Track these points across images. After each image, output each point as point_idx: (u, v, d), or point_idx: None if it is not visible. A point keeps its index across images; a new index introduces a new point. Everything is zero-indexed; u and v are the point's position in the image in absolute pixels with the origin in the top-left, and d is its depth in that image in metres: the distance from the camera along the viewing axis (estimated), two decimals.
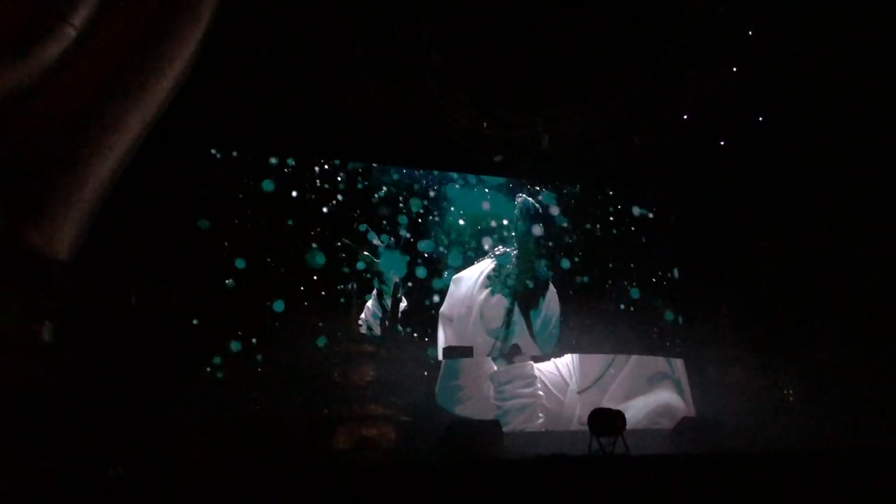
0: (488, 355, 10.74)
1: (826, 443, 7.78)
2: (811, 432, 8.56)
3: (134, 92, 5.93)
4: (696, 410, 10.28)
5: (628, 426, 6.76)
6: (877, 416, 8.33)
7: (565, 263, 11.75)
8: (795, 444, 8.07)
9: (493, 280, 11.38)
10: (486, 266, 11.48)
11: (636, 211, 12.55)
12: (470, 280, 11.32)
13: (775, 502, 5.71)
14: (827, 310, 9.71)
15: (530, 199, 11.97)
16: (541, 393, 9.84)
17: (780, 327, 10.02)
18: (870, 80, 9.21)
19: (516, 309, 11.30)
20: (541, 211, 11.94)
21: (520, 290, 11.42)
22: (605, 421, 6.66)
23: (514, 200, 11.88)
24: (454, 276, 11.21)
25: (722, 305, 10.46)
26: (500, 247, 11.62)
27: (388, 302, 10.37)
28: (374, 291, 10.29)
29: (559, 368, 10.20)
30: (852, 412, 8.67)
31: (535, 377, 9.95)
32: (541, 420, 9.56)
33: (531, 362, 10.16)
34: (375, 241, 10.59)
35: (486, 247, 11.39)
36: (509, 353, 10.30)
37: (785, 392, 9.93)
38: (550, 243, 11.84)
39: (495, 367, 10.02)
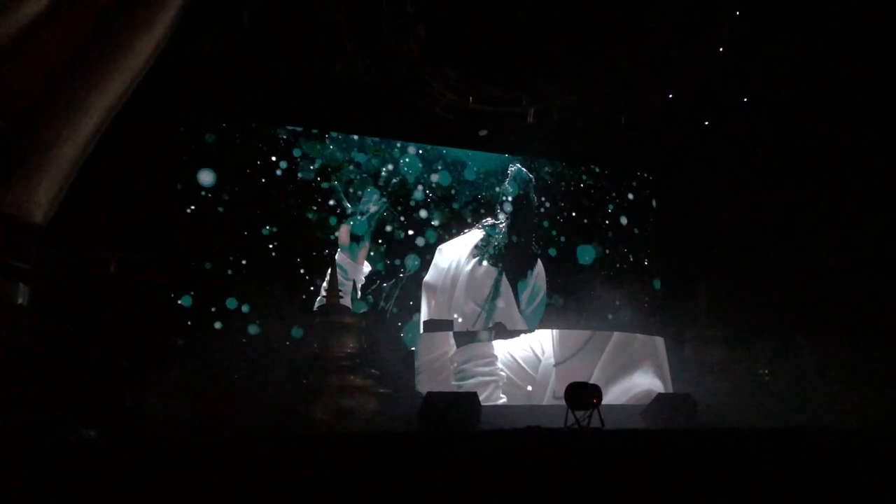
0: (473, 326, 10.79)
1: (799, 421, 7.91)
2: (785, 411, 8.68)
3: (113, 55, 5.84)
4: (673, 388, 10.39)
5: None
6: (852, 396, 8.46)
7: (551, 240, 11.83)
8: (768, 422, 8.20)
9: (481, 250, 11.40)
10: (473, 236, 11.50)
11: (618, 188, 12.60)
12: (456, 250, 11.34)
13: (746, 477, 5.80)
14: (804, 290, 9.82)
15: (524, 168, 11.99)
16: (502, 373, 9.77)
17: (757, 307, 10.12)
18: (856, 61, 9.23)
19: (504, 279, 11.35)
20: (533, 181, 11.99)
21: (509, 261, 11.48)
22: (581, 394, 6.73)
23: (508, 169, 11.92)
24: (439, 247, 11.23)
25: (701, 284, 10.53)
26: (489, 218, 11.65)
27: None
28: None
29: (531, 345, 10.22)
30: (827, 392, 8.80)
31: (494, 356, 9.84)
32: (503, 400, 9.54)
33: (492, 342, 10.12)
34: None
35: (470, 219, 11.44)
36: (494, 331, 10.33)
37: (761, 371, 10.04)
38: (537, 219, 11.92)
39: (455, 348, 9.93)
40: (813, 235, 9.85)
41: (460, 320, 10.78)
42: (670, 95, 10.41)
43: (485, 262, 11.32)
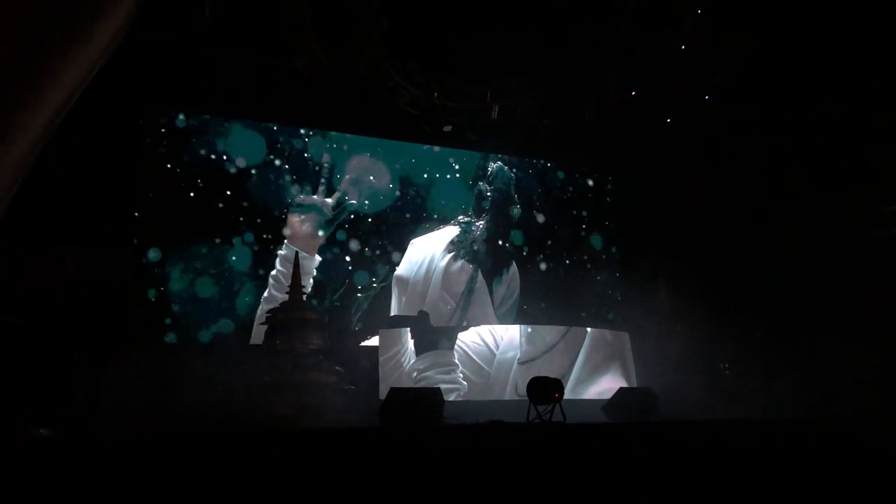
0: (448, 322, 10.76)
1: (759, 413, 8.03)
2: (745, 404, 8.82)
3: (70, 44, 5.69)
4: (636, 382, 10.52)
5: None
6: (813, 388, 8.61)
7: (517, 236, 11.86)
8: (729, 415, 8.32)
9: (456, 246, 11.39)
10: (448, 232, 11.47)
11: (581, 183, 12.70)
12: (430, 245, 11.29)
13: (708, 470, 5.89)
14: (765, 285, 9.98)
15: (505, 167, 12.01)
16: (463, 382, 9.82)
17: (718, 301, 10.26)
18: (821, 56, 9.37)
19: (479, 276, 11.35)
20: (514, 181, 12.03)
21: (485, 259, 11.50)
22: (543, 389, 6.77)
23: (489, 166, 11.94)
24: (412, 241, 11.17)
25: (661, 279, 10.65)
26: (463, 215, 11.63)
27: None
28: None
29: (483, 338, 10.23)
30: (787, 384, 8.95)
31: (455, 364, 9.88)
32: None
33: (451, 350, 10.12)
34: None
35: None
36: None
37: (721, 365, 10.20)
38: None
39: (412, 350, 9.90)
40: (774, 230, 10.02)
41: (434, 316, 10.74)
42: (633, 92, 10.53)
43: (460, 259, 11.31)
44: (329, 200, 10.75)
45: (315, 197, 10.69)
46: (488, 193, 11.82)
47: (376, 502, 4.78)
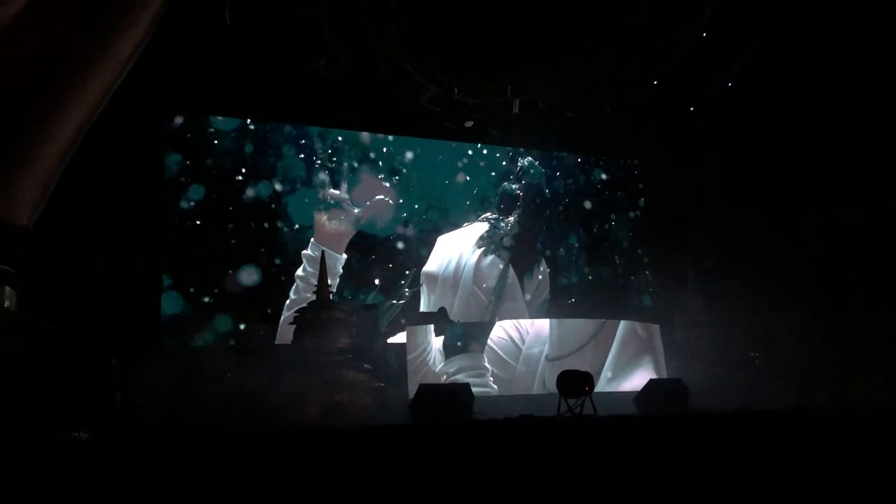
0: (482, 318, 10.77)
1: (790, 402, 7.95)
2: (776, 393, 8.73)
3: (93, 55, 5.79)
4: (666, 374, 10.44)
5: None
6: (842, 377, 8.51)
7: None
8: (759, 405, 8.25)
9: (486, 241, 11.38)
10: (477, 228, 11.47)
11: (605, 177, 12.64)
12: (459, 241, 11.30)
13: (738, 461, 5.84)
14: (794, 274, 9.87)
15: (536, 162, 12.00)
16: (494, 386, 9.77)
17: (746, 291, 10.16)
18: (843, 45, 9.25)
19: (511, 272, 11.35)
20: (544, 176, 12.02)
21: (516, 255, 11.48)
22: (574, 382, 6.76)
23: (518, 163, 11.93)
24: (439, 238, 11.19)
25: (689, 270, 10.57)
26: (493, 212, 11.63)
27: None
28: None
29: (508, 333, 10.19)
30: (817, 374, 8.85)
31: (486, 368, 9.83)
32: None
33: (481, 353, 10.08)
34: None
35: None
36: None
37: (752, 355, 10.10)
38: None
39: (437, 349, 9.86)
40: (801, 219, 9.90)
41: (466, 312, 10.73)
42: (655, 82, 10.44)
43: (490, 255, 11.31)
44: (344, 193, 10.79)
45: (339, 193, 10.75)
46: (518, 191, 11.80)
47: (407, 499, 4.80)
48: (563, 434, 5.85)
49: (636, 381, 10.08)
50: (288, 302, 9.95)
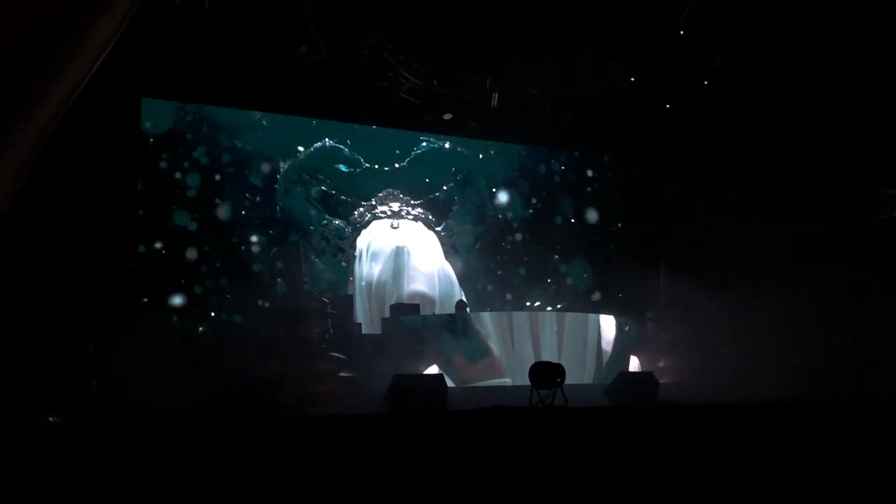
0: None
1: (757, 397, 8.07)
2: (744, 388, 8.85)
3: (70, 38, 5.74)
4: (640, 367, 10.52)
5: None
6: (815, 372, 8.64)
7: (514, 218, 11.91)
8: (728, 399, 8.37)
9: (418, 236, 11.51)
10: (408, 225, 11.57)
11: (581, 170, 12.74)
12: (390, 239, 11.39)
13: (708, 454, 5.94)
14: (766, 270, 9.99)
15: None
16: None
17: (719, 285, 10.28)
18: (821, 43, 9.36)
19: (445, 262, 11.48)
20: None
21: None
22: (545, 374, 6.81)
23: None
24: (364, 238, 11.26)
25: (662, 263, 10.68)
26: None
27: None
28: None
29: None
30: (787, 368, 8.98)
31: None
32: None
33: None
34: None
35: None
36: (457, 310, 10.40)
37: (723, 350, 10.22)
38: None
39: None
40: (774, 214, 10.02)
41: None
42: (632, 78, 10.53)
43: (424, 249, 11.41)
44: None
45: None
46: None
47: (381, 486, 4.85)
48: (534, 425, 5.92)
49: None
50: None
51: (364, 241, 11.21)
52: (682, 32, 9.66)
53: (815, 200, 9.38)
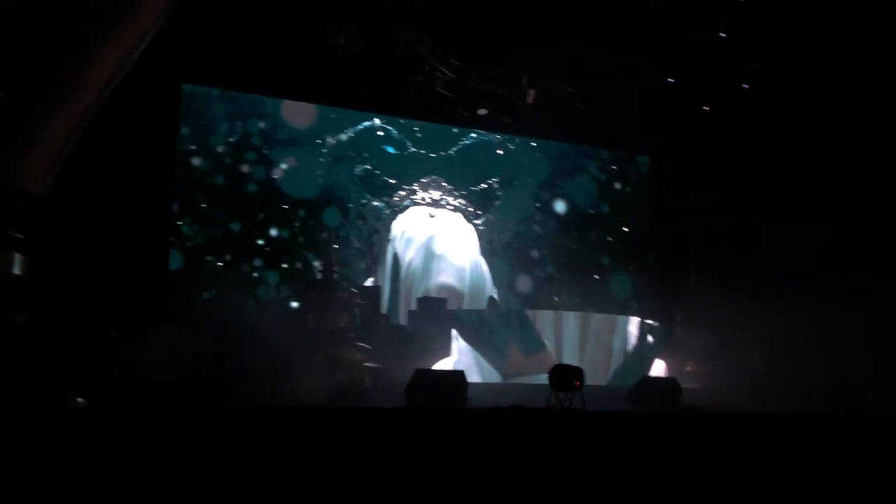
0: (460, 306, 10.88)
1: (787, 406, 7.97)
2: (771, 396, 8.75)
3: (111, 26, 5.86)
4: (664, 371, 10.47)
5: None
6: (841, 383, 8.51)
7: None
8: (752, 406, 8.28)
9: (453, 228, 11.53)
10: (440, 215, 11.58)
11: (615, 169, 12.64)
12: (423, 230, 11.44)
13: (729, 462, 5.89)
14: (796, 276, 9.85)
15: None
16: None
17: (749, 291, 10.15)
18: (863, 48, 9.18)
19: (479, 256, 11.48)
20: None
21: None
22: (565, 376, 6.84)
23: None
24: (398, 227, 11.34)
25: (691, 268, 10.58)
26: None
27: None
28: None
29: None
30: (817, 377, 8.86)
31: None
32: None
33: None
34: None
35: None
36: (488, 306, 10.45)
37: (753, 356, 10.10)
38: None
39: None
40: (807, 222, 9.85)
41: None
42: (670, 79, 10.41)
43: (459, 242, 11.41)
44: None
45: None
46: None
47: (394, 482, 4.91)
48: (551, 426, 5.93)
49: None
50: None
51: (399, 226, 11.23)
52: (722, 34, 9.51)
53: (852, 210, 9.20)
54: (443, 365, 9.54)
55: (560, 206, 12.16)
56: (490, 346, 9.43)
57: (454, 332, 10.04)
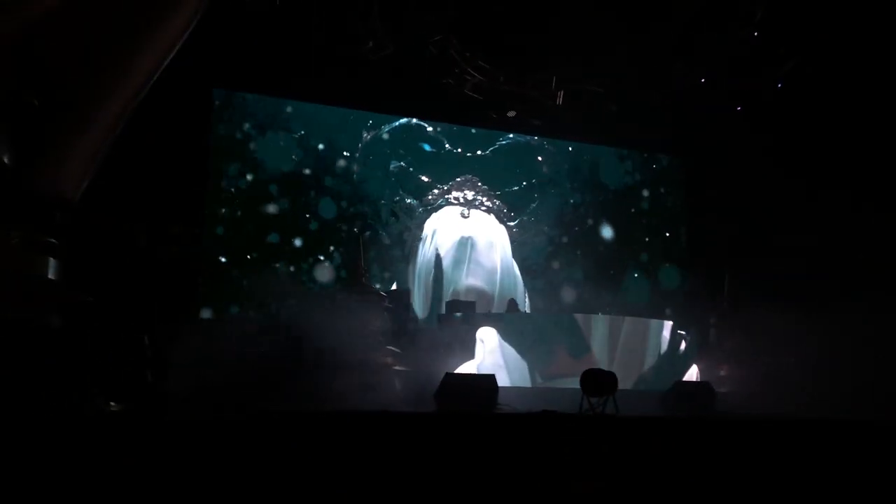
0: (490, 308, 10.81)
1: (822, 413, 7.82)
2: (809, 402, 8.60)
3: (143, 33, 5.93)
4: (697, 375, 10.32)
5: None
6: (879, 390, 8.33)
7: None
8: (788, 412, 8.14)
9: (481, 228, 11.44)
10: (471, 215, 11.51)
11: (649, 171, 12.53)
12: (452, 230, 11.37)
13: (759, 467, 5.81)
14: (833, 280, 9.68)
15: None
16: None
17: (784, 295, 9.99)
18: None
19: (509, 258, 11.39)
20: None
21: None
22: (597, 381, 6.77)
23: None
24: (430, 226, 11.24)
25: (726, 270, 10.44)
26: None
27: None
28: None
29: None
30: (852, 385, 8.69)
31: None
32: None
33: None
34: None
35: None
36: (507, 308, 10.37)
37: (786, 360, 9.93)
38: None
39: None
40: (843, 225, 9.68)
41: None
42: (702, 80, 10.29)
43: (491, 243, 11.33)
44: None
45: None
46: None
47: (423, 486, 4.90)
48: (584, 431, 5.87)
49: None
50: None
51: (431, 225, 11.21)
52: (755, 34, 9.37)
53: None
54: (470, 368, 9.48)
55: (594, 210, 12.05)
56: (530, 350, 9.33)
57: (480, 335, 9.97)
